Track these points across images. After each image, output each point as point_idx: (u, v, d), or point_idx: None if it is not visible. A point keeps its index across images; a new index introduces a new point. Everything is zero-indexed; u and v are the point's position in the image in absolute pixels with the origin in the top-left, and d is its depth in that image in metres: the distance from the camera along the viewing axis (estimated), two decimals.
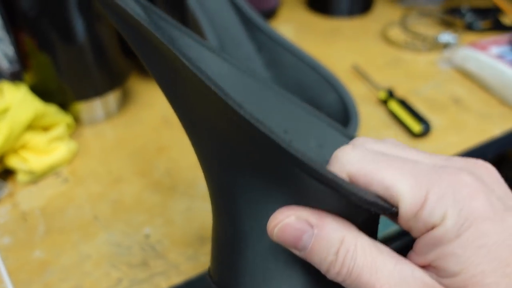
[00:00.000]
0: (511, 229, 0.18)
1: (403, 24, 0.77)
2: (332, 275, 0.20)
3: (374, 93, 0.63)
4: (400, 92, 0.63)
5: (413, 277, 0.19)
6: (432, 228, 0.18)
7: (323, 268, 0.20)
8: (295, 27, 0.83)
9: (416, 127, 0.55)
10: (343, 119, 0.48)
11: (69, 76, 0.55)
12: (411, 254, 0.20)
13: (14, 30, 0.53)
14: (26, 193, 0.50)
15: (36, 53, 0.54)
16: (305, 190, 0.20)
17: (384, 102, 0.60)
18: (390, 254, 0.19)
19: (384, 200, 0.19)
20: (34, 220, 0.47)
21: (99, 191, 0.50)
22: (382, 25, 0.81)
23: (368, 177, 0.19)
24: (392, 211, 0.19)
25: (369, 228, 0.21)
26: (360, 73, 0.66)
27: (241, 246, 0.22)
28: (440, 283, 0.19)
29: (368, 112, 0.59)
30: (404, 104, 0.58)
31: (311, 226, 0.19)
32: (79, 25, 0.53)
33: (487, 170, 0.20)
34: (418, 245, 0.19)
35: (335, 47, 0.76)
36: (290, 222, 0.20)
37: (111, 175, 0.52)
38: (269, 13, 0.84)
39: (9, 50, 0.67)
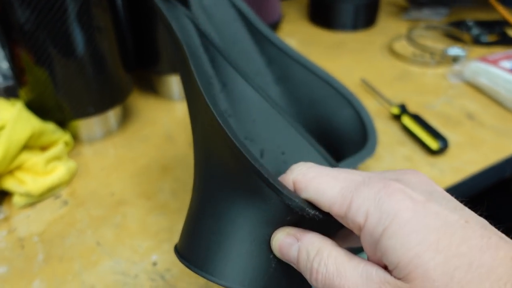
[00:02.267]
0: (434, 214, 0.20)
1: (409, 38, 0.76)
2: (313, 281, 0.22)
3: (386, 108, 0.61)
4: (411, 107, 0.61)
5: (376, 275, 0.20)
6: (360, 226, 0.21)
7: (307, 276, 0.23)
8: (298, 41, 0.81)
9: (433, 144, 0.52)
10: (359, 137, 0.45)
11: (67, 92, 0.52)
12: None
13: (9, 44, 0.50)
14: (23, 218, 0.47)
15: (33, 68, 0.51)
16: (259, 196, 0.24)
17: (397, 118, 0.58)
18: (357, 260, 0.22)
19: (313, 204, 0.23)
20: (32, 247, 0.43)
21: (101, 215, 0.47)
22: (387, 39, 0.79)
23: (306, 184, 0.23)
24: (308, 212, 0.23)
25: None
26: (370, 88, 0.64)
27: (199, 216, 0.27)
28: (394, 277, 0.20)
29: (381, 128, 0.57)
30: (418, 119, 0.55)
31: (297, 239, 0.23)
32: (78, 38, 0.50)
33: (415, 175, 0.22)
34: (365, 246, 0.22)
35: (341, 61, 0.74)
36: (281, 236, 0.24)
37: (113, 197, 0.49)
38: (272, 27, 0.82)
39: (3, 64, 0.64)
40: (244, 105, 0.38)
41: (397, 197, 0.20)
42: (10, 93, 0.62)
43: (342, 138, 0.46)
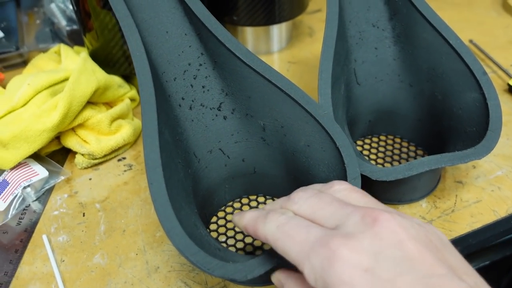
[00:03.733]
0: (382, 281, 0.20)
1: None
2: None
3: (502, 77, 0.51)
4: None
5: None
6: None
7: None
8: None
9: None
10: (477, 128, 0.36)
11: None
12: None
13: None
14: (85, 180, 0.43)
15: (99, 13, 0.45)
16: None
17: None
18: None
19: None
20: (93, 215, 0.40)
21: None
22: None
23: (274, 244, 0.24)
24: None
25: None
26: (481, 51, 0.54)
27: None
28: None
29: None
30: None
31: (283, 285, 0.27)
32: None
33: (385, 226, 0.21)
34: None
35: (444, 17, 0.62)
36: (273, 279, 0.28)
37: None
38: None
39: (68, 5, 0.59)
40: (237, 81, 0.35)
41: (338, 268, 0.20)
42: (74, 39, 0.57)
43: (456, 125, 0.37)
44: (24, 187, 0.40)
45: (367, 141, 0.45)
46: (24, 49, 0.57)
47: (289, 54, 0.59)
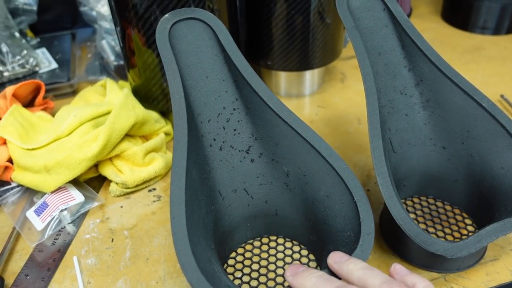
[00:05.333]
0: None
1: None
2: None
3: None
4: None
5: None
6: None
7: None
8: None
9: None
10: None
11: None
12: None
13: (121, 22, 0.49)
14: (116, 208, 0.46)
15: (143, 52, 0.49)
16: None
17: None
18: None
19: None
20: (121, 242, 0.42)
21: None
22: None
23: None
24: None
25: None
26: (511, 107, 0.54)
27: None
28: None
29: None
30: None
31: None
32: None
33: None
34: None
35: (476, 71, 0.64)
36: None
37: None
38: None
39: (116, 43, 0.63)
40: (267, 128, 0.38)
41: None
42: (120, 73, 0.62)
43: (499, 185, 0.38)
44: (61, 210, 0.44)
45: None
46: (74, 80, 0.62)
47: (319, 98, 0.61)
